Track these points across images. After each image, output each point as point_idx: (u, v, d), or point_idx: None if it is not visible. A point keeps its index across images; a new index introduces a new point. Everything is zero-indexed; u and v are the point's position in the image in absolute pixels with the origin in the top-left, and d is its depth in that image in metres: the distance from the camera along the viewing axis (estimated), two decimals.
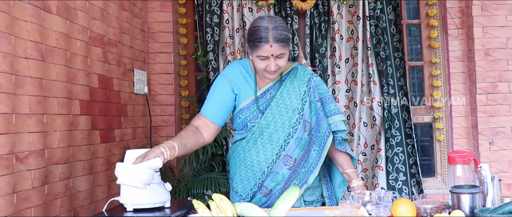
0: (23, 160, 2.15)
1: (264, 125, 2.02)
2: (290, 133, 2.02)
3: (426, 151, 4.04)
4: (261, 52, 1.91)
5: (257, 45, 1.90)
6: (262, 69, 1.96)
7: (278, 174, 2.03)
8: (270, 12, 3.79)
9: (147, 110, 3.71)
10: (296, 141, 2.02)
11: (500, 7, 3.76)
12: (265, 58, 1.92)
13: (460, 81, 3.90)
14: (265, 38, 1.89)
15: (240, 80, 2.07)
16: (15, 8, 2.13)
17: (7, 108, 2.04)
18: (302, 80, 2.09)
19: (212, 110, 2.02)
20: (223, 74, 2.09)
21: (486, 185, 1.74)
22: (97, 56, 2.90)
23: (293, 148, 2.02)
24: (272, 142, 2.02)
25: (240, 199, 2.10)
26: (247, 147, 2.05)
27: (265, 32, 1.89)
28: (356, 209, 1.79)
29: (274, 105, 2.04)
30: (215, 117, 2.02)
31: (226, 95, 2.04)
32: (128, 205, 1.79)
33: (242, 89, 2.06)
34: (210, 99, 2.04)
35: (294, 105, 2.04)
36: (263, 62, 1.94)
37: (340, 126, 2.11)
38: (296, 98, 2.05)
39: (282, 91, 2.06)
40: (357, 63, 3.77)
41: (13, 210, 2.06)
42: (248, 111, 2.05)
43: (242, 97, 2.06)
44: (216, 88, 2.06)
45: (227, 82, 2.06)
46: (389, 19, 3.80)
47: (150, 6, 3.83)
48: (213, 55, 3.76)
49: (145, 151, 1.72)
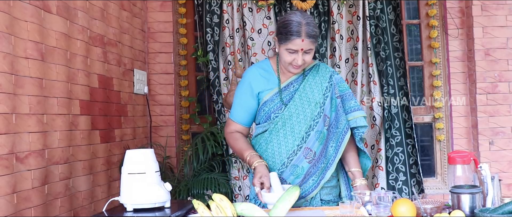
0: (23, 160, 2.15)
1: (287, 116, 2.07)
2: (311, 126, 2.07)
3: (426, 151, 4.04)
4: (291, 46, 1.98)
5: (289, 38, 1.98)
6: (288, 62, 2.03)
7: (298, 167, 2.06)
8: (270, 12, 3.79)
9: (147, 110, 3.70)
10: (316, 133, 2.07)
11: (500, 7, 3.76)
12: (294, 52, 1.99)
13: (460, 81, 3.90)
14: (297, 33, 1.96)
15: (260, 79, 2.13)
16: (15, 8, 2.13)
17: (7, 108, 2.04)
18: (324, 77, 2.15)
19: (241, 115, 2.16)
20: (243, 78, 2.17)
21: (486, 185, 1.74)
22: (97, 56, 2.90)
23: (313, 141, 2.06)
24: (294, 133, 2.07)
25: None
26: (270, 138, 2.10)
27: (298, 27, 1.97)
28: (356, 209, 1.79)
29: (297, 97, 2.09)
30: (245, 121, 2.17)
31: (250, 100, 2.13)
32: (128, 205, 1.80)
33: (264, 85, 2.12)
34: (238, 104, 2.17)
35: (316, 99, 2.09)
36: (290, 56, 2.01)
37: (360, 121, 2.14)
38: (318, 92, 2.11)
39: (305, 85, 2.12)
40: (357, 63, 3.77)
41: (13, 210, 2.06)
42: (272, 103, 2.10)
43: (265, 92, 2.11)
44: (240, 94, 2.16)
45: (248, 85, 2.13)
46: (389, 19, 3.80)
47: (150, 6, 3.83)
48: (213, 55, 3.76)
49: (260, 171, 1.94)
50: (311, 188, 2.07)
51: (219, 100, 3.74)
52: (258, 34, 3.78)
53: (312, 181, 2.07)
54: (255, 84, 2.12)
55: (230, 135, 2.18)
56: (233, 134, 2.17)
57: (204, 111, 3.94)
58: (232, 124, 2.18)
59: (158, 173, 1.85)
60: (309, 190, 2.07)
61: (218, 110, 3.75)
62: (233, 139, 2.16)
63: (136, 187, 1.79)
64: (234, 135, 2.17)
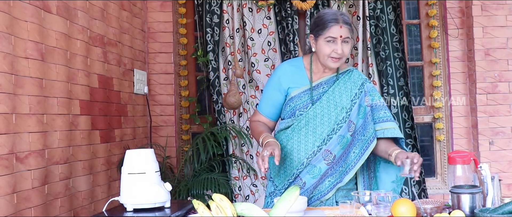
0: (23, 160, 2.15)
1: (311, 116, 2.07)
2: (334, 129, 2.06)
3: (426, 151, 4.04)
4: (330, 33, 2.00)
5: (327, 26, 2.00)
6: (327, 54, 2.03)
7: (315, 167, 2.06)
8: (270, 12, 3.79)
9: (147, 110, 3.71)
10: (339, 138, 2.06)
11: (500, 7, 3.76)
12: (333, 40, 2.00)
13: (460, 81, 3.90)
14: (335, 20, 2.00)
15: (291, 75, 2.14)
16: (15, 8, 2.13)
17: (7, 108, 2.04)
18: (355, 83, 2.15)
19: (267, 108, 2.20)
20: (274, 73, 2.19)
21: (486, 185, 1.74)
22: (97, 56, 2.90)
23: (334, 144, 2.06)
24: (315, 134, 2.06)
25: (275, 189, 2.14)
26: (291, 135, 2.10)
27: (334, 15, 2.02)
28: (356, 209, 1.79)
29: (325, 99, 2.09)
30: (270, 114, 2.20)
31: (277, 94, 2.15)
32: (128, 205, 1.80)
33: (293, 82, 2.13)
34: (265, 97, 2.20)
35: (343, 104, 2.09)
36: (329, 47, 2.02)
37: (394, 132, 2.10)
38: (347, 98, 2.10)
39: (335, 88, 2.11)
40: (357, 63, 3.77)
41: (13, 210, 2.06)
42: (299, 100, 2.10)
43: (294, 88, 2.12)
44: (269, 87, 2.18)
45: (277, 80, 2.14)
46: (389, 19, 3.80)
47: (150, 6, 3.83)
48: (213, 55, 3.76)
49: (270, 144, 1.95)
50: (327, 190, 2.08)
51: (219, 101, 3.74)
52: (258, 34, 3.78)
53: (328, 183, 2.08)
54: (284, 80, 2.12)
55: (254, 122, 2.22)
56: (257, 122, 2.21)
57: (204, 111, 3.94)
58: (258, 114, 2.23)
59: (158, 173, 1.85)
60: (324, 192, 2.08)
61: (218, 110, 3.75)
62: (255, 125, 2.20)
63: (136, 187, 1.79)
64: (257, 123, 2.20)
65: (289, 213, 1.67)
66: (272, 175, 2.17)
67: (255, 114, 2.26)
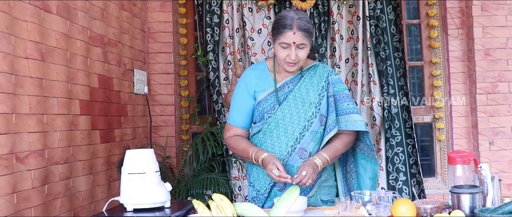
0: (23, 160, 2.15)
1: (280, 117, 2.06)
2: (305, 126, 2.05)
3: (426, 151, 4.04)
4: (283, 39, 1.97)
5: (281, 32, 1.97)
6: (282, 59, 2.01)
7: (294, 167, 2.05)
8: (270, 12, 3.79)
9: (147, 110, 3.71)
10: (311, 134, 2.05)
11: (500, 7, 3.76)
12: (287, 46, 1.98)
13: (460, 81, 3.90)
14: (289, 25, 1.96)
15: (255, 80, 2.13)
16: (15, 8, 2.13)
17: (7, 108, 2.04)
18: (321, 77, 2.13)
19: (239, 118, 2.15)
20: (239, 81, 2.16)
21: (486, 185, 1.74)
22: (97, 56, 2.90)
23: (308, 141, 2.05)
24: (287, 134, 2.05)
25: (258, 194, 2.12)
26: (264, 139, 2.09)
27: (290, 20, 1.98)
28: (356, 209, 1.79)
29: (291, 98, 2.08)
30: (243, 123, 2.16)
31: (248, 100, 2.12)
32: (128, 205, 1.80)
33: (259, 85, 2.11)
34: (235, 107, 2.16)
35: (311, 99, 2.08)
36: (284, 51, 2.00)
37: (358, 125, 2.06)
38: (314, 93, 2.09)
39: (301, 86, 2.10)
40: (357, 64, 3.77)
41: (13, 210, 2.06)
42: (266, 102, 2.09)
43: (260, 91, 2.11)
44: (237, 95, 2.16)
45: (245, 87, 2.13)
46: (389, 19, 3.80)
47: (150, 6, 3.83)
48: (213, 55, 3.76)
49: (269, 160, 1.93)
50: (309, 187, 2.07)
51: (219, 100, 3.74)
52: (258, 34, 3.78)
53: None
54: (250, 84, 2.11)
55: (230, 138, 2.15)
56: (233, 137, 2.15)
57: (204, 111, 3.94)
58: (231, 128, 2.16)
59: (158, 173, 1.85)
60: (307, 189, 2.08)
61: (218, 110, 3.75)
62: (234, 141, 2.13)
63: (136, 187, 1.79)
64: (234, 137, 2.14)
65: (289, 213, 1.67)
66: (252, 180, 2.16)
67: (227, 129, 2.17)
